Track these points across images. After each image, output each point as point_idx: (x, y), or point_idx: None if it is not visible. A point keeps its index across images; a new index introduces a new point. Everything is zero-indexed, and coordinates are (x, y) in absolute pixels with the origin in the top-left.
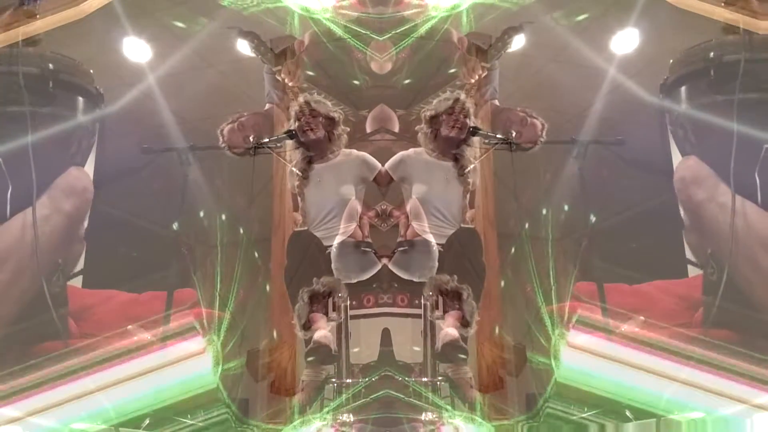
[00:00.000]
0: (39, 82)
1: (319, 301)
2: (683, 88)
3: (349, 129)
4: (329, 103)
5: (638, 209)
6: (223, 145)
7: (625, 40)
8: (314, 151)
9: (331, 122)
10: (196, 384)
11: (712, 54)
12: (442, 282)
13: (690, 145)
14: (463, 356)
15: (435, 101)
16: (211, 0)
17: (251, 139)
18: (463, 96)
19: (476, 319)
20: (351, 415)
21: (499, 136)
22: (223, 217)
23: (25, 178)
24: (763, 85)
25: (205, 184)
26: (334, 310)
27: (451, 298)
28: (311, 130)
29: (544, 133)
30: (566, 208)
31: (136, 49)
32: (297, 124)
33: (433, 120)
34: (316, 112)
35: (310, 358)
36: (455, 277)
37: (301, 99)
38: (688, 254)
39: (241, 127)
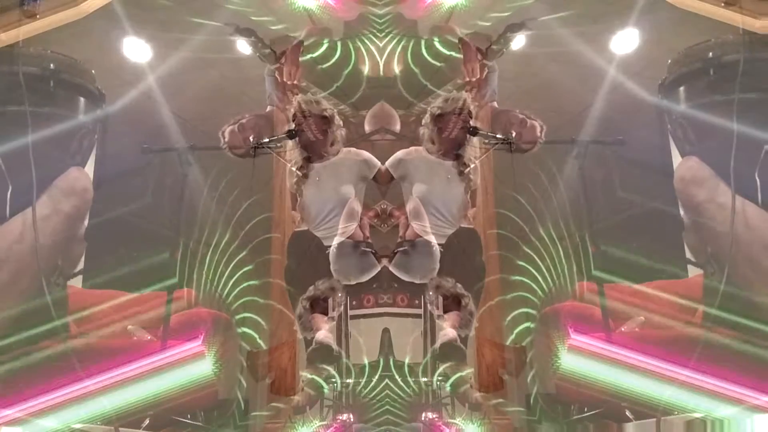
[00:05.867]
0: (40, 82)
1: (319, 304)
2: (682, 88)
3: (345, 130)
4: (323, 101)
5: (638, 209)
6: (224, 146)
7: (625, 40)
8: (312, 150)
9: (325, 121)
10: (196, 384)
11: (711, 54)
12: (443, 285)
13: (690, 145)
14: (459, 357)
15: (440, 100)
16: (211, 0)
17: (251, 139)
18: (469, 97)
19: (475, 325)
20: (351, 415)
21: (499, 136)
22: (223, 216)
23: (25, 178)
24: (762, 84)
25: (205, 184)
26: (333, 309)
27: (450, 302)
28: (306, 132)
29: (543, 135)
30: (566, 208)
31: (136, 49)
32: (294, 125)
33: (439, 119)
34: (308, 112)
35: (313, 360)
36: (458, 284)
37: (295, 101)
38: (688, 254)
39: (242, 129)
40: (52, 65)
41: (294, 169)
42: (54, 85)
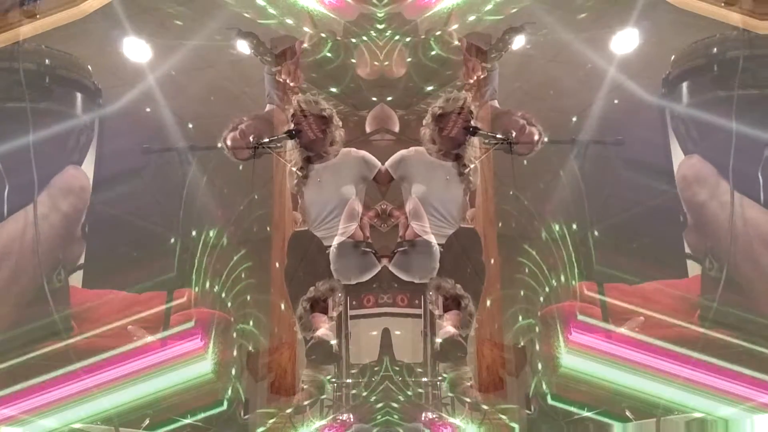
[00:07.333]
0: (36, 78)
1: (319, 304)
2: (685, 84)
3: (344, 130)
4: (322, 101)
5: (638, 209)
6: (228, 153)
7: (625, 40)
8: (311, 150)
9: (323, 120)
10: (196, 384)
11: (715, 50)
12: (443, 286)
13: (692, 141)
14: (461, 353)
15: (441, 99)
16: (211, 0)
17: (251, 139)
18: (469, 97)
19: (475, 326)
20: (351, 415)
21: (499, 136)
22: (223, 216)
23: (22, 176)
24: (764, 82)
25: (205, 184)
26: (333, 309)
27: (450, 303)
28: (306, 131)
29: (540, 143)
30: (566, 208)
31: (136, 49)
32: (293, 125)
33: (441, 118)
34: (307, 112)
35: (312, 356)
36: (458, 285)
37: (294, 101)
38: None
39: (243, 135)
40: (47, 61)
41: (294, 169)
42: (50, 81)
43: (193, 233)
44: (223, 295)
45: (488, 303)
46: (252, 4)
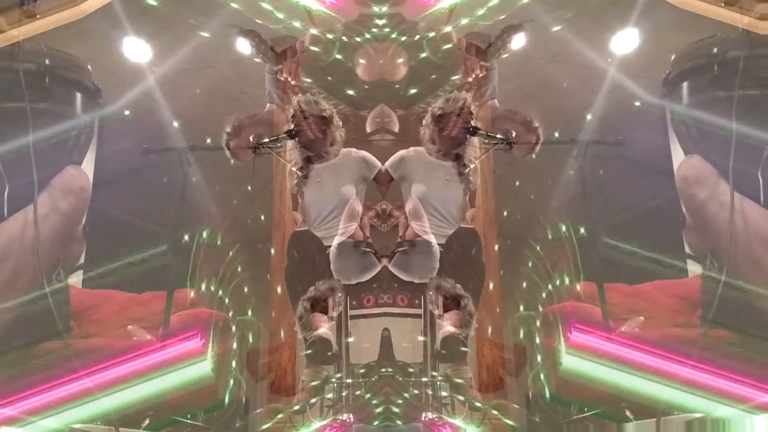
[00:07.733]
0: (35, 78)
1: (319, 304)
2: (685, 84)
3: (344, 129)
4: (322, 101)
5: (638, 209)
6: (230, 156)
7: (625, 40)
8: (312, 150)
9: (323, 121)
10: (196, 384)
11: (715, 49)
12: (443, 286)
13: (692, 142)
14: (462, 350)
15: (441, 100)
16: (211, 0)
17: (251, 139)
18: (469, 97)
19: (475, 326)
20: (351, 415)
21: (499, 136)
22: (223, 217)
23: (21, 176)
24: (764, 81)
25: (205, 183)
26: (333, 309)
27: (450, 303)
28: (305, 131)
29: (537, 147)
30: (566, 208)
31: (136, 49)
32: (293, 125)
33: (440, 119)
34: (307, 112)
35: (309, 352)
36: (458, 285)
37: (294, 101)
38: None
39: (246, 141)
40: (47, 61)
41: (294, 169)
42: (50, 81)
43: (193, 233)
44: (220, 293)
45: (488, 303)
46: (257, 8)
